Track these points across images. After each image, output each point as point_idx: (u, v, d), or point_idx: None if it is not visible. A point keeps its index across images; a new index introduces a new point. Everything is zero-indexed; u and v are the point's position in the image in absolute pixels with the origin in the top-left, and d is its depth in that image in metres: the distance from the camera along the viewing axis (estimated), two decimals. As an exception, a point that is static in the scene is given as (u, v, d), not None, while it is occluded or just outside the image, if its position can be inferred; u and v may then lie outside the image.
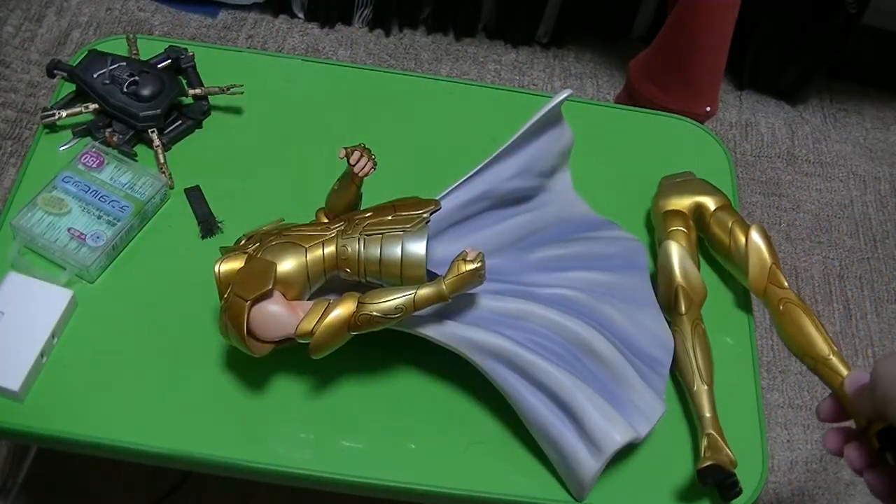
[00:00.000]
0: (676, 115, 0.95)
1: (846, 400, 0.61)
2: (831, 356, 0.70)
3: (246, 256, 0.64)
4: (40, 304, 0.69)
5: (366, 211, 0.67)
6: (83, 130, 0.82)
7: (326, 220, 0.70)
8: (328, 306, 0.62)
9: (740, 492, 0.66)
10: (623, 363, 0.68)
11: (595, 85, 1.75)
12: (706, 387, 0.70)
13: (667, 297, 0.75)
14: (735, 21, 1.36)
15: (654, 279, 0.78)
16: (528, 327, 0.67)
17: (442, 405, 0.71)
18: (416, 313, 0.63)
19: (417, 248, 0.63)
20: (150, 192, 0.77)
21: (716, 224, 0.80)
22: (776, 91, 1.80)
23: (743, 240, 0.77)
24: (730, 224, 0.79)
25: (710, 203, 0.81)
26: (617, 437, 0.63)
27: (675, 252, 0.75)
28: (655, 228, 0.82)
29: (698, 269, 0.77)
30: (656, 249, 0.81)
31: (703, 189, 0.82)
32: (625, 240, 0.78)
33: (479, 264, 0.62)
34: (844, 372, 0.68)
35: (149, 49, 0.87)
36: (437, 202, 0.66)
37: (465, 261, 0.62)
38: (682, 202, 0.81)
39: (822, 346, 0.71)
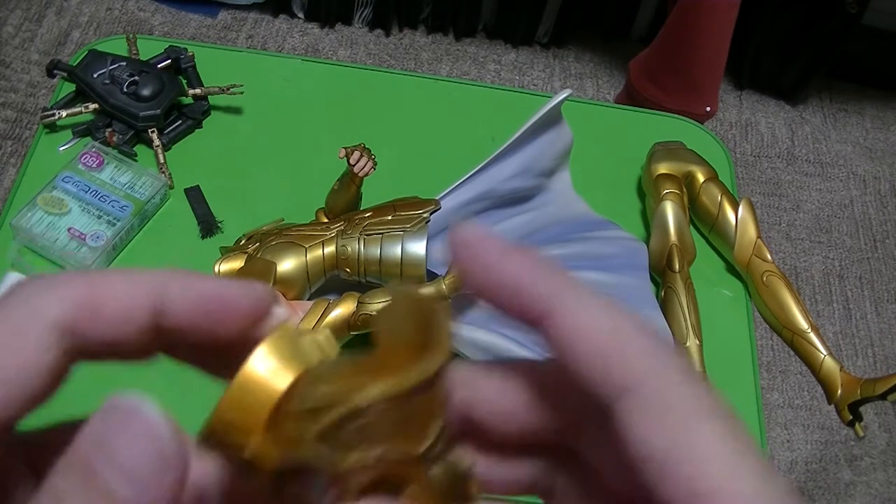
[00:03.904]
0: (676, 115, 0.95)
1: (823, 377, 0.65)
2: (810, 330, 0.73)
3: (246, 256, 0.64)
4: (40, 304, 0.69)
5: (366, 211, 0.67)
6: (83, 130, 0.82)
7: (326, 220, 0.70)
8: (328, 306, 0.62)
9: None
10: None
11: (595, 85, 1.75)
12: (697, 342, 0.73)
13: (661, 255, 0.77)
14: (735, 21, 1.36)
15: (647, 240, 0.80)
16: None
17: (442, 405, 0.71)
18: (416, 313, 0.63)
19: (417, 248, 0.63)
20: (150, 192, 0.77)
21: (704, 194, 0.82)
22: (776, 91, 1.80)
23: (731, 212, 0.80)
24: (719, 196, 0.81)
25: (699, 173, 0.83)
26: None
27: (672, 212, 0.77)
28: (647, 189, 0.84)
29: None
30: (647, 214, 0.83)
31: (693, 159, 0.84)
32: (625, 240, 0.78)
33: (479, 264, 0.62)
34: (824, 349, 0.71)
35: (149, 49, 0.87)
36: (437, 202, 0.66)
37: (465, 261, 0.62)
38: (675, 168, 0.83)
39: (802, 319, 0.74)
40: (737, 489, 0.18)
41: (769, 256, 0.78)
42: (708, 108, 1.44)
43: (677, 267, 0.76)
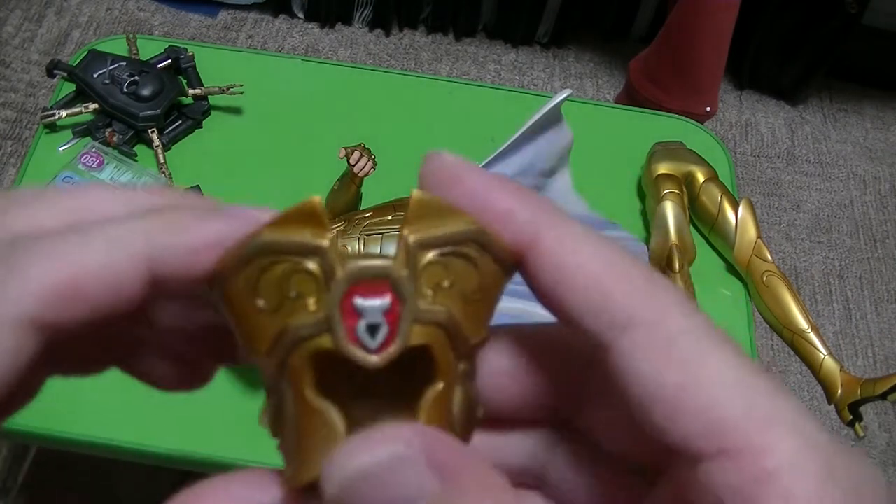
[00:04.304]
0: (676, 115, 0.95)
1: (823, 377, 0.65)
2: (810, 330, 0.73)
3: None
4: (40, 304, 0.69)
5: (366, 211, 0.67)
6: (83, 130, 0.82)
7: (326, 220, 0.70)
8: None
9: None
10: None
11: (595, 85, 1.75)
12: None
13: (661, 255, 0.77)
14: (735, 21, 1.36)
15: (647, 241, 0.80)
16: (528, 327, 0.67)
17: (442, 405, 0.71)
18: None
19: (417, 248, 0.63)
20: (150, 192, 0.77)
21: (704, 194, 0.82)
22: (776, 91, 1.80)
23: (731, 212, 0.80)
24: (718, 196, 0.81)
25: (699, 173, 0.83)
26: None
27: (672, 213, 0.78)
28: (647, 189, 0.84)
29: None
30: (647, 214, 0.83)
31: (693, 159, 0.85)
32: (625, 240, 0.78)
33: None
34: (823, 349, 0.71)
35: (149, 49, 0.87)
36: (436, 202, 0.66)
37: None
38: (675, 168, 0.83)
39: (802, 319, 0.74)
40: (756, 414, 0.16)
41: (769, 256, 0.78)
42: (708, 108, 1.44)
43: (677, 267, 0.76)
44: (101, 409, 0.67)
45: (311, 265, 0.18)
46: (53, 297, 0.17)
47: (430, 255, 0.18)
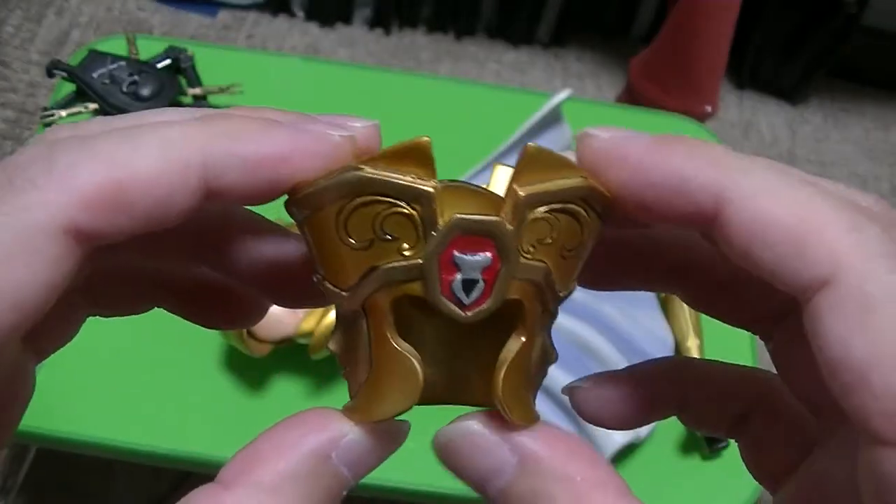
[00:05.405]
0: (677, 115, 0.95)
1: None
2: None
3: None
4: (40, 303, 0.69)
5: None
6: (83, 130, 0.82)
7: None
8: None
9: (727, 444, 0.70)
10: (623, 363, 0.68)
11: (595, 85, 1.75)
12: (698, 342, 0.74)
13: None
14: (735, 21, 1.36)
15: None
16: (529, 327, 0.67)
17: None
18: (416, 313, 0.63)
19: (417, 247, 0.63)
20: (149, 191, 0.77)
21: None
22: (776, 91, 1.80)
23: None
24: None
25: None
26: (617, 437, 0.63)
27: None
28: None
29: None
30: None
31: None
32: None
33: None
34: None
35: (149, 49, 0.87)
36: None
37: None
38: None
39: None
40: None
41: None
42: (708, 108, 1.44)
43: None
44: (100, 409, 0.67)
45: (412, 210, 0.17)
46: (96, 203, 0.15)
47: (539, 212, 0.17)
